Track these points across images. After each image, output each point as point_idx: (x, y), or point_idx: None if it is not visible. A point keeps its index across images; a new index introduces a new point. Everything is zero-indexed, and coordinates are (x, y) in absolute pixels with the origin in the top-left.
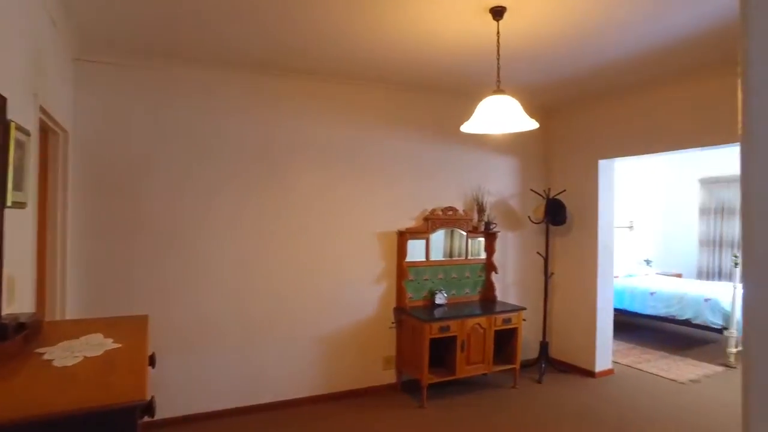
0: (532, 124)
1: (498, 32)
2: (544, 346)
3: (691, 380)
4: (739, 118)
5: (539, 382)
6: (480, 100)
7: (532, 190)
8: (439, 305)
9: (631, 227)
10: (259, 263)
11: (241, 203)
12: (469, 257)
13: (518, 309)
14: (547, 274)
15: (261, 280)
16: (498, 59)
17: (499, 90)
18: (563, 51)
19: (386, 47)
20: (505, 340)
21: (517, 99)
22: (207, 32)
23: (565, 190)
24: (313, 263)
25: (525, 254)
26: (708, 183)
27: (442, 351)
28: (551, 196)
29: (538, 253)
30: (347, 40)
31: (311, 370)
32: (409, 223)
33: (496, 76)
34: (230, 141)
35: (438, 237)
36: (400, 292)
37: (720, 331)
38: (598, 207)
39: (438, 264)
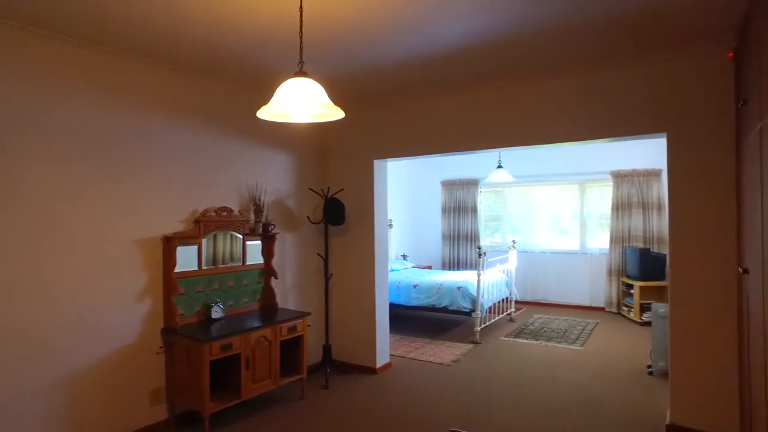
0: (338, 113)
1: (301, 6)
2: (327, 349)
3: (453, 361)
4: None
5: (326, 387)
6: (264, 93)
7: (310, 189)
8: (217, 320)
9: (391, 225)
10: None
11: None
12: (247, 263)
13: (303, 315)
14: (327, 276)
15: None
16: (301, 36)
17: (301, 72)
18: (342, 47)
19: (175, 19)
20: (290, 350)
21: None
22: None
23: (343, 189)
24: (49, 282)
25: (305, 256)
26: (448, 185)
27: (224, 372)
28: (330, 195)
29: (318, 254)
30: None
31: None
32: (177, 227)
33: (299, 57)
34: None
35: (211, 242)
36: (168, 309)
37: (469, 313)
38: (374, 207)
39: (213, 272)
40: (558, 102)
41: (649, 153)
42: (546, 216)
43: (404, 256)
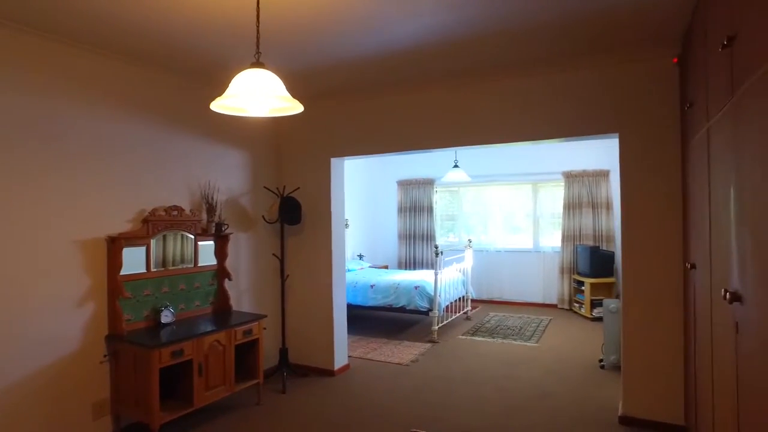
0: (297, 107)
1: None
2: (284, 352)
3: (411, 361)
4: None
5: (283, 392)
6: (217, 88)
7: (265, 187)
8: (167, 324)
9: (347, 225)
10: None
11: None
12: (200, 264)
13: (259, 318)
14: (283, 277)
15: None
16: (258, 25)
17: (258, 63)
18: (300, 41)
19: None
20: (245, 354)
21: None
22: None
23: (299, 188)
24: None
25: (260, 257)
26: (404, 184)
27: (174, 379)
28: (285, 194)
29: (273, 254)
30: None
31: None
32: (123, 227)
33: (256, 47)
34: None
35: (161, 242)
36: (114, 314)
37: (426, 313)
38: (331, 205)
39: (163, 275)
40: (516, 102)
41: (597, 154)
42: (500, 215)
43: (360, 256)
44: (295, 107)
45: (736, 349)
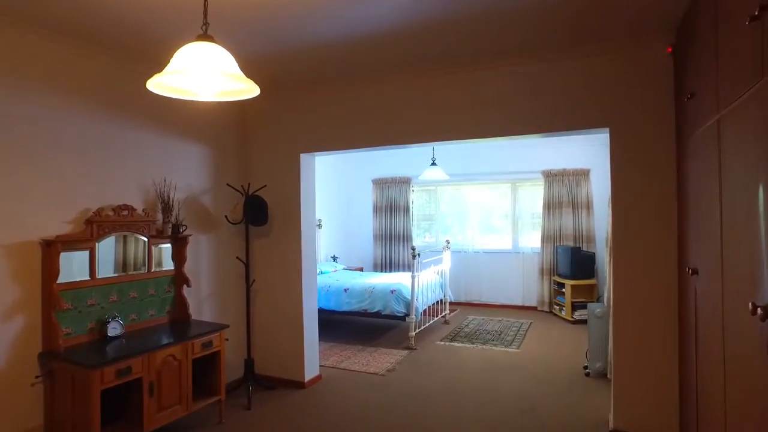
0: (252, 89)
1: None
2: (249, 364)
3: (388, 370)
4: None
5: (248, 408)
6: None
7: (228, 185)
8: (115, 338)
9: (320, 226)
10: None
11: None
12: (154, 269)
13: (220, 328)
14: (248, 282)
15: None
16: None
17: (206, 36)
18: (268, 18)
19: None
20: (205, 368)
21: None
22: None
23: (266, 186)
24: None
25: (222, 261)
26: (379, 183)
27: (122, 400)
28: (251, 192)
29: (237, 258)
30: None
31: None
32: (63, 229)
33: (203, 17)
34: None
35: (108, 246)
36: (49, 328)
37: (403, 318)
38: (301, 204)
39: (110, 282)
40: (498, 94)
41: (578, 153)
42: (478, 215)
43: (334, 258)
44: (251, 90)
45: None
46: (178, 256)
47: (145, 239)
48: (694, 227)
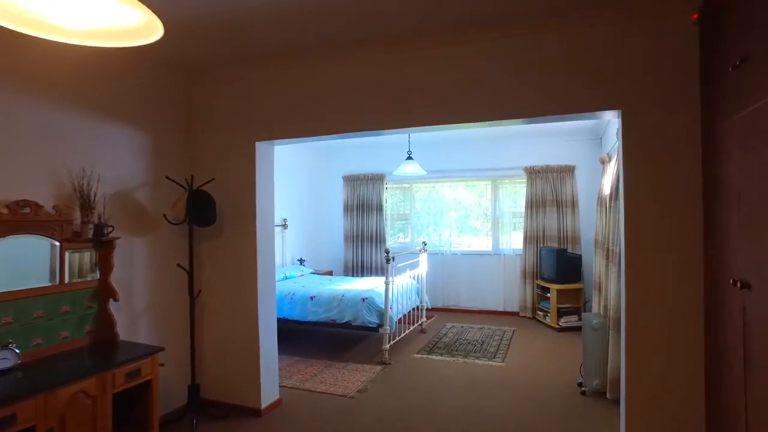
0: (151, 27)
1: None
2: (193, 389)
3: (358, 391)
4: None
5: None
6: None
7: (168, 177)
8: (5, 371)
9: (285, 226)
10: None
11: None
12: (69, 280)
13: (152, 352)
14: (193, 293)
15: None
16: None
17: None
18: None
19: None
20: (135, 400)
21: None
22: None
23: (214, 179)
24: None
25: (162, 268)
26: (351, 180)
27: None
28: (195, 186)
29: (179, 265)
30: None
31: None
32: None
33: None
34: None
35: (4, 252)
36: None
37: (376, 329)
38: (257, 201)
39: (4, 299)
40: (484, 71)
41: (562, 149)
42: (456, 214)
43: (301, 261)
44: (151, 31)
45: None
46: (103, 264)
47: (57, 243)
48: (742, 231)
